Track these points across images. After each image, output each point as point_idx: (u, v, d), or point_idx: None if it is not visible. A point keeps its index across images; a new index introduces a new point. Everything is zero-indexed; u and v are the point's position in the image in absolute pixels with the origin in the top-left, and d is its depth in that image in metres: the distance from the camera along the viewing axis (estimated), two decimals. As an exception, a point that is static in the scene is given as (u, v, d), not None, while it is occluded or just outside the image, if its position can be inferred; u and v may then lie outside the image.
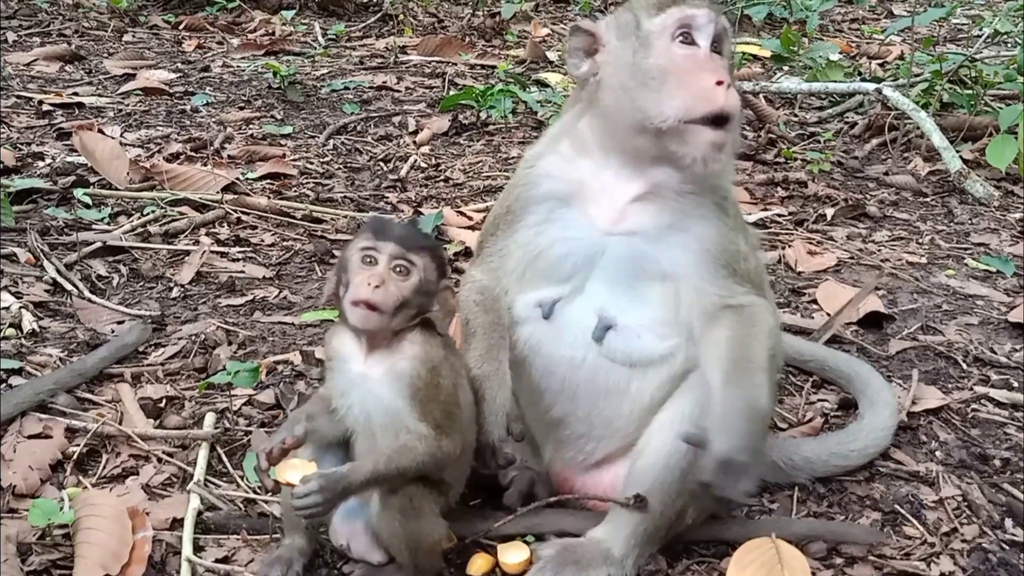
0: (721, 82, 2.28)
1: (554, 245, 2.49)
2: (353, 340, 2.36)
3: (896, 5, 10.48)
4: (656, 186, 2.42)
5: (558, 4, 10.24)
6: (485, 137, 6.04)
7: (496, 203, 2.68)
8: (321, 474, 2.25)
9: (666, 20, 2.36)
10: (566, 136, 2.54)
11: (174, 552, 2.52)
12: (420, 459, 2.29)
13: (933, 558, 2.59)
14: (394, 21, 8.86)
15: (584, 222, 2.46)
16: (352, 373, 2.35)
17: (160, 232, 4.41)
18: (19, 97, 6.20)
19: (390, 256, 2.30)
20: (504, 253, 2.56)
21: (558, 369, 2.49)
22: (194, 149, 5.49)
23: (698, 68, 2.32)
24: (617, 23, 2.46)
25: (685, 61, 2.33)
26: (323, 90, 6.79)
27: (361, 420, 2.36)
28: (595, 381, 2.48)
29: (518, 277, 2.54)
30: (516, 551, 2.51)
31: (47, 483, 2.76)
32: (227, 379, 3.09)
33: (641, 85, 2.34)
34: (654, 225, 2.42)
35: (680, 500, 2.45)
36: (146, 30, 8.35)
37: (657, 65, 2.33)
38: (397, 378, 2.30)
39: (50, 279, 3.90)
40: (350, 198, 4.99)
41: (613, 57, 2.43)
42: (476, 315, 2.52)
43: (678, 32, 2.35)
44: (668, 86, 2.30)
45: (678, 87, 2.30)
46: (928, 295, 4.14)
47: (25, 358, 3.34)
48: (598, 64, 2.45)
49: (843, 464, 2.92)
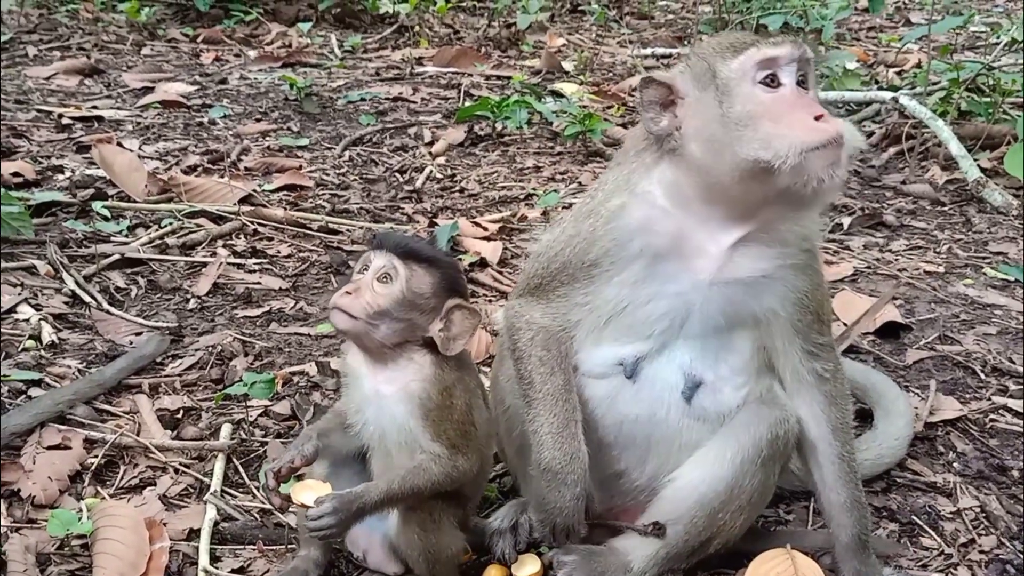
0: (820, 116, 2.17)
1: (651, 302, 2.34)
2: (363, 356, 2.37)
3: (914, 13, 10.45)
4: (761, 228, 2.30)
5: (574, 14, 10.27)
6: (500, 148, 6.06)
7: (562, 246, 2.42)
8: (335, 495, 2.24)
9: (744, 64, 2.22)
10: (656, 187, 2.33)
11: (191, 562, 2.54)
12: (435, 479, 2.30)
13: (951, 569, 2.58)
14: (410, 33, 8.90)
15: (686, 276, 2.32)
16: (365, 389, 2.36)
17: (177, 244, 4.45)
18: (39, 111, 6.27)
19: (377, 265, 2.30)
20: (585, 305, 2.39)
21: (633, 428, 2.42)
22: (211, 161, 5.53)
23: (789, 109, 2.19)
24: (693, 73, 2.29)
25: (773, 104, 2.20)
26: (339, 102, 6.83)
27: (376, 437, 2.37)
28: (674, 439, 2.42)
29: (596, 330, 2.40)
30: (530, 563, 2.51)
31: (66, 494, 2.78)
32: (243, 390, 3.11)
33: (735, 136, 2.18)
34: (753, 271, 2.33)
35: (707, 532, 2.44)
36: (165, 43, 8.42)
37: (746, 112, 2.19)
38: (409, 398, 2.31)
39: (69, 291, 3.94)
40: (366, 209, 5.01)
41: (695, 110, 2.27)
42: (545, 377, 2.37)
43: (760, 76, 2.22)
44: (764, 128, 2.17)
45: (778, 127, 2.16)
46: (946, 304, 4.12)
47: (44, 369, 3.37)
48: (679, 118, 2.28)
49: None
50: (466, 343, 2.35)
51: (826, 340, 2.47)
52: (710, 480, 2.39)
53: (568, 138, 6.01)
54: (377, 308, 2.26)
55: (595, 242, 2.35)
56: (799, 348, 2.42)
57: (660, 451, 2.44)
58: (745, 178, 2.19)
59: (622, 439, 2.44)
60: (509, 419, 2.62)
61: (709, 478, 2.39)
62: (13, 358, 3.42)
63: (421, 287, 2.30)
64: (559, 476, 2.33)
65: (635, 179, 2.36)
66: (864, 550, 2.46)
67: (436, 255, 2.39)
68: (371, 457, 2.41)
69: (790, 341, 2.41)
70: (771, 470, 2.43)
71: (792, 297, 2.38)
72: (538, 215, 4.91)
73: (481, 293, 4.15)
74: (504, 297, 4.08)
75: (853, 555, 2.46)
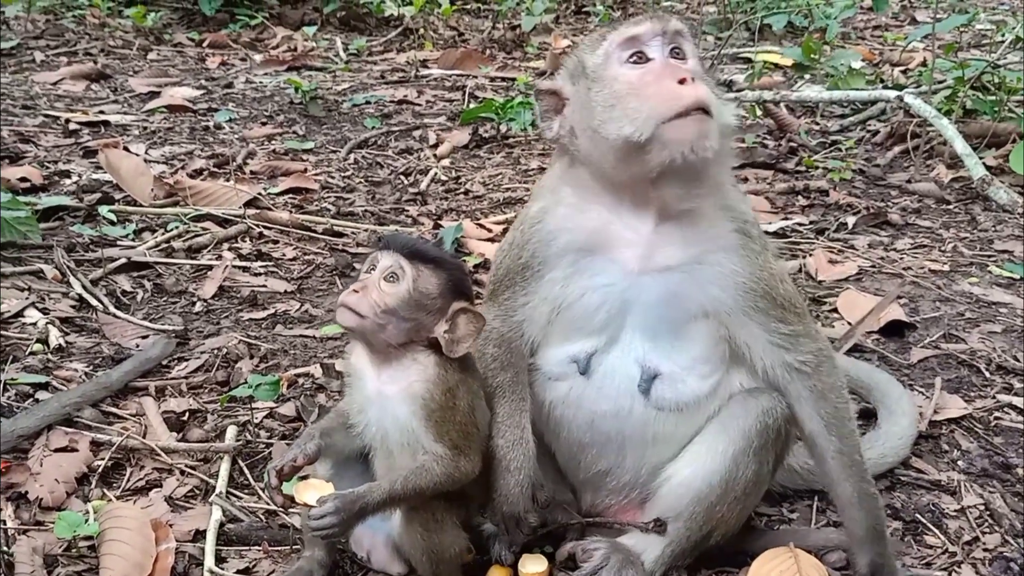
0: (683, 80, 2.18)
1: (584, 295, 2.39)
2: (367, 356, 2.38)
3: (919, 12, 10.43)
4: (669, 209, 2.33)
5: (578, 15, 10.28)
6: (505, 149, 6.07)
7: (504, 254, 2.53)
8: (337, 495, 2.25)
9: (608, 49, 2.29)
10: (565, 186, 2.44)
11: (196, 563, 2.55)
12: (437, 479, 2.30)
13: (955, 567, 2.58)
14: (415, 35, 8.92)
15: (613, 267, 2.37)
16: (368, 390, 2.37)
17: (183, 247, 4.47)
18: (46, 116, 6.30)
19: (384, 265, 2.32)
20: (525, 304, 2.46)
21: (602, 424, 2.44)
22: (217, 165, 5.56)
23: (655, 78, 2.22)
24: (568, 72, 2.40)
25: (640, 78, 2.24)
26: (344, 105, 6.85)
27: (378, 437, 2.38)
28: (644, 431, 2.43)
29: (543, 329, 2.46)
30: (535, 562, 2.52)
31: (73, 496, 2.80)
32: (249, 392, 3.12)
33: (604, 118, 2.24)
34: (684, 258, 2.34)
35: (707, 526, 2.46)
36: (171, 48, 8.46)
37: (612, 92, 2.25)
38: (411, 399, 2.31)
39: (76, 295, 3.96)
40: (371, 212, 5.03)
41: (574, 106, 2.35)
42: (496, 372, 2.46)
43: (625, 56, 2.27)
44: (630, 104, 2.21)
45: (639, 100, 2.20)
46: (951, 303, 4.11)
47: (51, 373, 3.39)
48: (567, 118, 2.37)
49: None
50: (470, 346, 2.36)
51: (797, 329, 2.43)
52: (704, 475, 2.41)
53: (573, 139, 6.01)
54: (384, 307, 2.27)
55: (524, 246, 2.46)
56: (764, 340, 2.40)
57: (634, 445, 2.46)
58: (622, 160, 2.25)
59: (597, 437, 2.46)
60: None
61: (703, 473, 2.41)
62: (20, 361, 3.44)
63: (427, 287, 2.31)
64: (503, 463, 2.40)
65: (551, 183, 2.49)
66: (880, 541, 2.46)
67: (442, 256, 2.41)
68: (373, 457, 2.42)
69: (750, 333, 2.40)
70: (764, 459, 2.44)
71: (734, 282, 2.37)
72: (542, 216, 4.91)
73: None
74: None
75: (869, 548, 2.46)
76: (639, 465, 2.49)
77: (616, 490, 2.55)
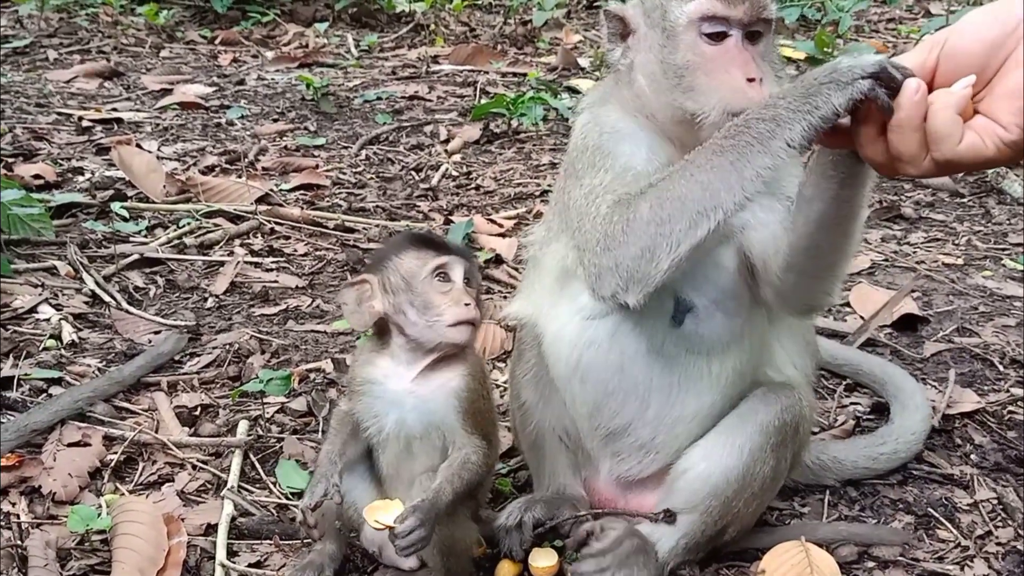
0: (752, 79, 2.18)
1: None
2: (395, 362, 2.35)
3: (933, 4, 10.36)
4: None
5: (590, 10, 10.24)
6: (516, 145, 6.07)
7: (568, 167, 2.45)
8: (415, 508, 2.21)
9: (692, 13, 2.23)
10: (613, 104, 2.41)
11: (208, 557, 2.56)
12: (480, 470, 2.33)
13: (967, 561, 2.57)
14: (426, 31, 8.92)
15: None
16: (391, 394, 2.35)
17: (195, 244, 4.48)
18: (59, 114, 6.33)
19: (460, 271, 2.33)
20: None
21: (632, 366, 2.40)
22: (229, 161, 5.57)
23: (725, 66, 2.20)
24: (644, 8, 2.34)
25: (714, 59, 2.21)
26: (356, 101, 6.85)
27: (400, 437, 2.37)
28: (671, 374, 2.40)
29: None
30: (545, 556, 2.52)
31: (86, 490, 2.81)
32: (260, 387, 3.14)
33: (671, 82, 2.25)
34: None
35: (723, 521, 2.45)
36: (183, 45, 8.48)
37: (684, 60, 2.23)
38: (450, 394, 2.33)
39: (89, 291, 3.98)
40: (382, 207, 5.03)
41: (644, 45, 2.32)
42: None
43: (705, 25, 2.22)
44: (698, 80, 2.21)
45: (709, 81, 2.20)
46: (964, 296, 4.09)
47: (65, 368, 3.41)
48: (631, 49, 2.36)
49: (872, 467, 2.90)
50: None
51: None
52: (722, 470, 2.40)
53: (584, 134, 6.00)
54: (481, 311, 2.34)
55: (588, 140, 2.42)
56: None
57: (659, 391, 2.42)
58: (676, 120, 2.27)
59: (623, 383, 2.42)
60: (524, 414, 2.64)
61: (721, 468, 2.40)
62: (34, 357, 3.46)
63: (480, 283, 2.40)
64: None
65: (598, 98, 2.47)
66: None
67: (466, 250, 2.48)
68: (381, 458, 2.41)
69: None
70: (782, 455, 2.44)
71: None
72: (553, 211, 4.91)
73: (496, 289, 4.16)
74: (519, 293, 4.10)
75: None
76: (660, 418, 2.44)
77: (634, 450, 2.50)
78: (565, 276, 2.46)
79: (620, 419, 2.48)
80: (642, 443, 2.50)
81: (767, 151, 2.00)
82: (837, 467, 2.85)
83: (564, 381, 2.51)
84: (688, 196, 2.09)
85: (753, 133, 2.01)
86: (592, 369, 2.44)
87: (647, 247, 2.13)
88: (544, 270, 2.56)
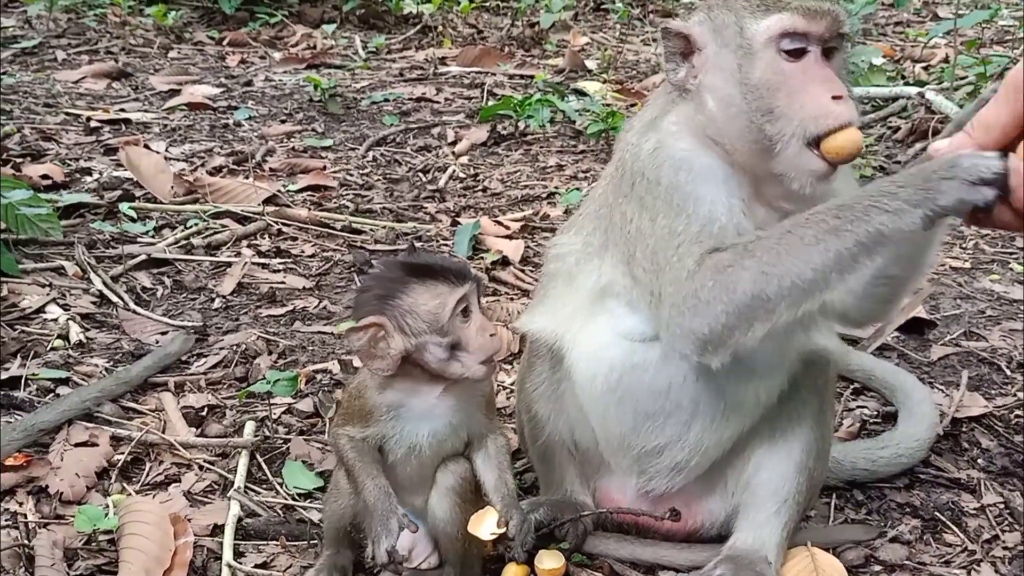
0: (838, 96, 2.09)
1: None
2: (416, 383, 2.32)
3: (941, 7, 10.34)
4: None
5: (597, 13, 10.26)
6: (523, 147, 6.07)
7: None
8: (507, 508, 2.33)
9: (772, 28, 2.12)
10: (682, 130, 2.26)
11: (215, 557, 2.57)
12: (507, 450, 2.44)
13: (974, 565, 2.56)
14: (433, 33, 8.93)
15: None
16: (420, 411, 2.34)
17: (203, 244, 4.49)
18: (68, 114, 6.35)
19: (477, 295, 2.32)
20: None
21: (679, 389, 2.33)
22: (236, 162, 5.58)
23: (809, 83, 2.11)
24: (714, 25, 2.21)
25: (795, 77, 2.11)
26: (363, 102, 6.86)
27: (434, 444, 2.37)
28: (720, 398, 2.34)
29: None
30: (552, 559, 2.51)
31: (93, 490, 2.82)
32: (267, 388, 3.14)
33: (749, 105, 2.13)
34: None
35: (810, 492, 2.49)
36: (191, 46, 8.50)
37: (764, 79, 2.12)
38: (476, 394, 2.39)
39: (96, 291, 3.99)
40: (389, 209, 5.04)
41: (713, 64, 2.20)
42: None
43: (785, 42, 2.12)
44: (780, 105, 2.11)
45: (790, 106, 2.10)
46: (971, 300, 4.08)
47: (72, 368, 3.42)
48: (696, 68, 2.23)
49: (871, 469, 2.88)
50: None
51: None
52: (803, 444, 2.42)
53: (591, 136, 6.02)
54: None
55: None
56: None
57: (705, 416, 2.37)
58: (753, 147, 2.16)
59: (667, 404, 2.36)
60: (535, 427, 2.62)
61: (801, 443, 2.42)
62: (42, 357, 3.47)
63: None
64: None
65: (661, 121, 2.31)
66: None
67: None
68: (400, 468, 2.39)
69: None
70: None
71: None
72: (560, 213, 4.91)
73: (503, 291, 4.16)
74: (526, 295, 4.10)
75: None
76: (700, 442, 2.40)
77: (665, 470, 2.46)
78: (604, 295, 2.39)
79: (656, 441, 2.42)
80: (676, 464, 2.45)
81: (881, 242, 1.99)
82: (835, 467, 2.81)
83: (596, 401, 2.45)
84: (796, 274, 2.03)
85: (873, 223, 1.98)
86: (634, 391, 2.37)
87: (745, 319, 2.07)
88: (578, 286, 2.45)
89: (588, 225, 2.48)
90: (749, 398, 2.39)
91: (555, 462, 2.64)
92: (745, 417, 2.42)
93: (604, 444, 2.54)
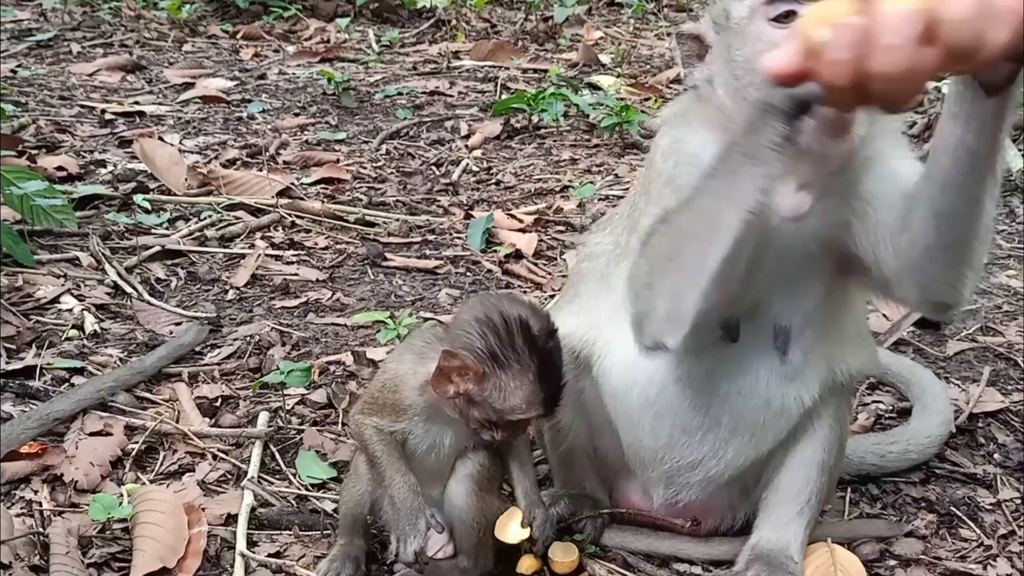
0: None
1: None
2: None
3: None
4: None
5: (611, 7, 10.23)
6: (537, 140, 6.06)
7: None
8: (535, 512, 2.34)
9: (754, 1, 2.06)
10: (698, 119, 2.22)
11: (228, 546, 2.57)
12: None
13: (989, 560, 2.54)
14: (447, 27, 8.92)
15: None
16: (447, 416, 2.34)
17: (217, 236, 4.50)
18: (82, 107, 6.37)
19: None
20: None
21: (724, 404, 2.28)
22: (250, 155, 5.59)
23: None
24: (712, 19, 2.19)
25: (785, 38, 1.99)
26: (377, 96, 6.86)
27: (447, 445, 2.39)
28: (764, 410, 2.29)
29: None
30: (565, 551, 2.50)
31: (107, 479, 2.83)
32: (280, 379, 3.14)
33: (744, 80, 2.07)
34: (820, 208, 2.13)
35: (829, 489, 2.48)
36: (205, 39, 8.51)
37: (754, 52, 2.02)
38: None
39: (111, 282, 4.00)
40: (402, 202, 5.04)
41: (716, 55, 2.17)
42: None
43: (772, 12, 2.03)
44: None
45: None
46: (988, 295, 4.06)
47: (87, 358, 3.43)
48: (707, 64, 2.19)
49: (880, 464, 2.86)
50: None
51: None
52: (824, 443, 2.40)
53: (605, 130, 6.00)
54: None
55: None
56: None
57: (746, 431, 2.32)
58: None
59: (707, 423, 2.31)
60: (557, 434, 2.59)
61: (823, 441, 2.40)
62: (57, 347, 3.49)
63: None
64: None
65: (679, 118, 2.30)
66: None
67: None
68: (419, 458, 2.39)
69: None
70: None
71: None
72: (574, 207, 4.91)
73: (516, 285, 4.15)
74: (539, 288, 4.09)
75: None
76: (737, 457, 2.35)
77: (692, 485, 2.42)
78: None
79: (692, 457, 2.37)
80: (708, 478, 2.41)
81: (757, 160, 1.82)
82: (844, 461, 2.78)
83: (630, 414, 2.40)
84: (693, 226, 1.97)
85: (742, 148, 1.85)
86: (674, 406, 2.31)
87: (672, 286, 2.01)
88: (611, 288, 2.37)
89: (619, 225, 2.44)
90: (792, 405, 2.32)
91: (576, 466, 2.63)
92: (783, 431, 2.36)
93: (632, 455, 2.48)
